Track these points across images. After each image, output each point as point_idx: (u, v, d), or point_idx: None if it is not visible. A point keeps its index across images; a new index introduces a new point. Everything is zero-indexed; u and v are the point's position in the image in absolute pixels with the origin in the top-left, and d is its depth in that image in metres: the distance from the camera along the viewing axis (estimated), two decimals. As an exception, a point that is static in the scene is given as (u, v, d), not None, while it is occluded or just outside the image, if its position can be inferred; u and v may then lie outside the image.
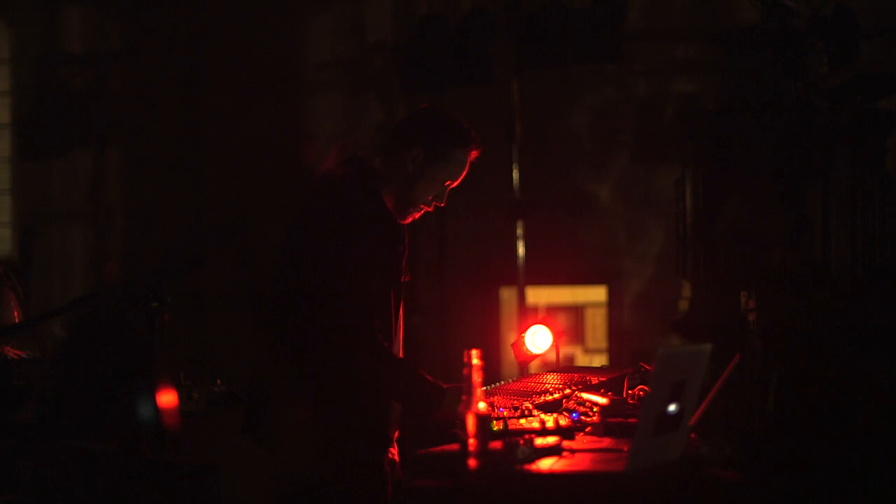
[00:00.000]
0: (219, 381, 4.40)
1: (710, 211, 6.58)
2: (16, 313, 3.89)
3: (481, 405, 2.66)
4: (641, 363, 3.59)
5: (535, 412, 3.31)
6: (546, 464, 2.73)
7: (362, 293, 3.20)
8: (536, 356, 4.05)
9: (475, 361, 2.69)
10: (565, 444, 2.90)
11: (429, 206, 3.41)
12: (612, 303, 8.84)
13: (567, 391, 3.46)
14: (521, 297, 8.07)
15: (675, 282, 7.58)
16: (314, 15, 9.16)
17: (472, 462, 2.63)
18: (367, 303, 3.22)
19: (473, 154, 3.40)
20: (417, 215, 3.43)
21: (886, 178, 6.49)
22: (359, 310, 3.19)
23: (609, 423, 3.12)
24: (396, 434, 3.42)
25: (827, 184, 6.30)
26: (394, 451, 3.40)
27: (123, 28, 9.26)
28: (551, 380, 3.69)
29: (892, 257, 6.31)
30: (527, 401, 3.39)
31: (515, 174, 8.03)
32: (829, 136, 6.32)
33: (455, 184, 3.43)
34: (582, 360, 8.73)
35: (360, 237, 3.23)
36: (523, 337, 4.04)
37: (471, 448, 2.64)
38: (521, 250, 8.05)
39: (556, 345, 4.01)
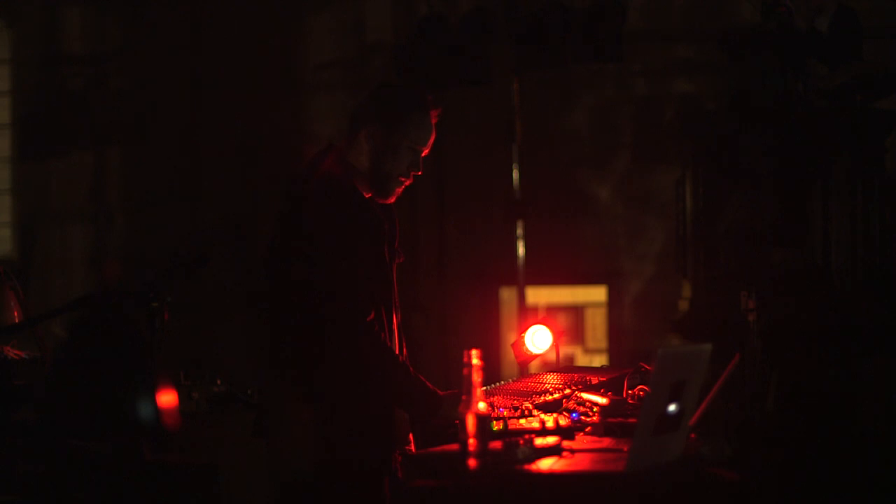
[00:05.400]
0: (219, 381, 4.39)
1: (710, 211, 6.57)
2: (16, 313, 3.89)
3: (481, 405, 2.66)
4: (641, 363, 3.58)
5: (535, 412, 3.31)
6: (546, 464, 2.72)
7: (351, 287, 3.19)
8: (536, 356, 4.05)
9: (475, 361, 2.69)
10: (565, 444, 2.90)
11: (407, 178, 3.41)
12: (612, 303, 8.84)
13: (567, 391, 3.46)
14: (521, 297, 8.07)
15: (675, 282, 7.57)
16: (314, 15, 9.16)
17: (472, 462, 2.63)
18: (358, 296, 3.20)
19: (433, 114, 3.40)
20: (400, 190, 3.43)
21: (886, 178, 6.49)
22: (351, 306, 3.18)
23: (609, 423, 3.11)
24: (410, 435, 3.42)
25: (827, 184, 6.30)
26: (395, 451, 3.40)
27: (123, 28, 9.26)
28: (551, 380, 3.69)
29: (891, 257, 6.30)
30: (527, 401, 3.39)
31: (515, 174, 8.03)
32: (830, 136, 6.32)
33: (427, 150, 3.43)
34: (582, 360, 8.73)
35: (341, 233, 3.22)
36: (523, 337, 4.04)
37: (471, 448, 2.64)
38: (521, 250, 8.05)
39: (556, 345, 4.01)
